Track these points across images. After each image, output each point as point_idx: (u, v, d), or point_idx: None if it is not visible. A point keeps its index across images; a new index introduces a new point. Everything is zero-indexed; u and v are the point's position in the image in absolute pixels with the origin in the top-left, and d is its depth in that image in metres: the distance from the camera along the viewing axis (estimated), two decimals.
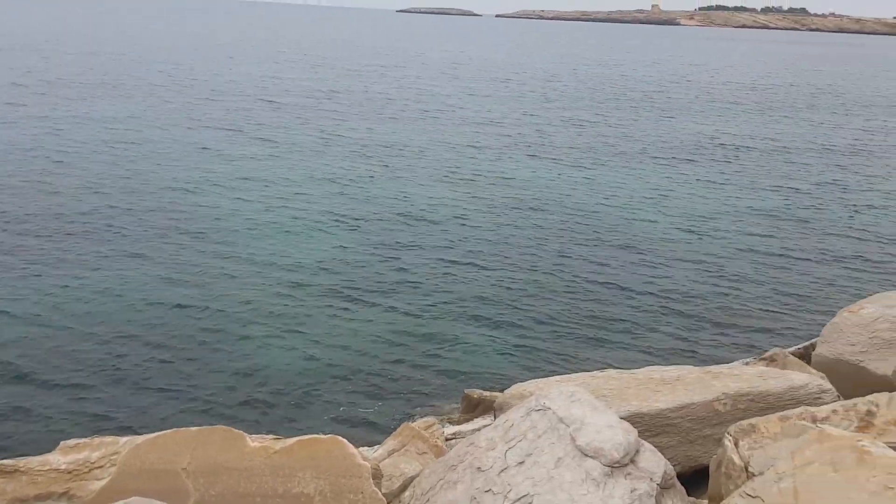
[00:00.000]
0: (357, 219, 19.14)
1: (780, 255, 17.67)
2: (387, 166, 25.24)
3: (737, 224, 20.02)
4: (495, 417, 6.94)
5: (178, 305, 13.45)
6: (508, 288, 15.01)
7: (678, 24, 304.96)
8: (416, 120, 35.68)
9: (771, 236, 19.09)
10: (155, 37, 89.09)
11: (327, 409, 10.53)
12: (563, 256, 16.97)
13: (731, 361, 10.61)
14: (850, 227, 20.17)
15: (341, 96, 43.03)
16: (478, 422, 8.67)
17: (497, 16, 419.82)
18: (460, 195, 21.88)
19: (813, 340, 9.23)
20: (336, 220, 18.94)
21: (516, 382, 7.89)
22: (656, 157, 28.74)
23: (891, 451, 3.00)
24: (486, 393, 10.07)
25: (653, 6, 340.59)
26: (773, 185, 24.89)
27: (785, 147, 32.23)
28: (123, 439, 5.37)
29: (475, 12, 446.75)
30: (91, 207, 18.88)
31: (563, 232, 18.75)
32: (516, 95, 47.93)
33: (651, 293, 15.03)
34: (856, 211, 21.91)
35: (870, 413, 3.58)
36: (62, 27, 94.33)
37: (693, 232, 19.14)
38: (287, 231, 17.94)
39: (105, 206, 19.12)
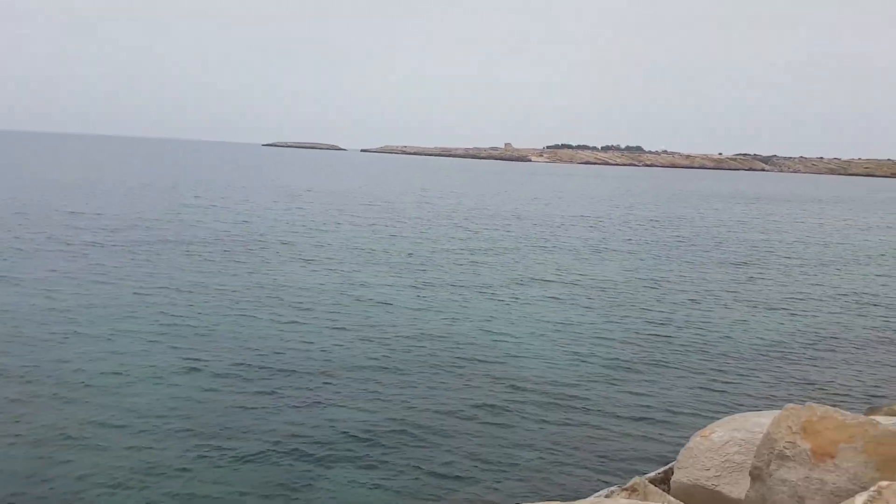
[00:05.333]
0: (224, 365, 18.06)
1: (632, 380, 18.22)
2: (221, 307, 24.38)
3: (587, 349, 20.62)
4: None
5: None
6: (389, 426, 14.41)
7: (529, 160, 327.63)
8: (249, 255, 35.16)
9: (620, 361, 19.73)
10: None
11: None
12: (427, 390, 16.65)
13: (596, 491, 10.49)
14: (696, 351, 21.29)
15: (166, 231, 41.93)
16: None
17: (362, 150, 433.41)
18: (315, 332, 21.32)
19: (670, 465, 9.29)
20: (196, 365, 17.77)
21: None
22: (500, 289, 29.62)
23: None
24: None
25: (505, 144, 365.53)
26: (620, 313, 26.12)
27: (627, 279, 34.28)
28: None
29: (341, 147, 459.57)
30: None
31: (423, 367, 18.53)
32: (365, 226, 48.58)
33: (507, 424, 14.90)
34: (700, 333, 23.26)
35: None
36: None
37: (544, 359, 19.46)
38: (153, 379, 16.57)
39: None
